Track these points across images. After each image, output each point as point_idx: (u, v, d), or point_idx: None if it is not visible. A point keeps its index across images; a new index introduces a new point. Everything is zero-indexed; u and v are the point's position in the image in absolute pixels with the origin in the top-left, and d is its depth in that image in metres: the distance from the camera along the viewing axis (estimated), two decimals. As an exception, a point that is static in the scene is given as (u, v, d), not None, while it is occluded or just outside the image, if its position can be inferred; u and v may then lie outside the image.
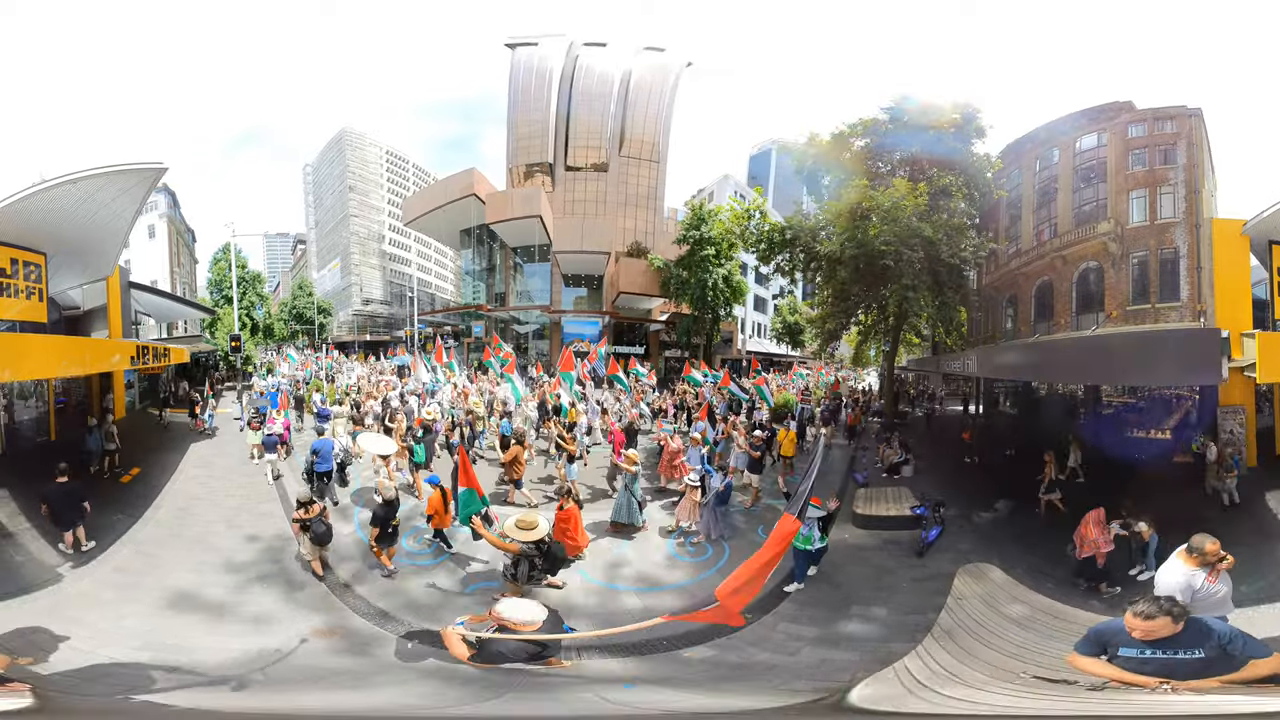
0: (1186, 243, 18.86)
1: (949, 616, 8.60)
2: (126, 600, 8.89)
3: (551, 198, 50.31)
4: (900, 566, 11.81)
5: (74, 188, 12.95)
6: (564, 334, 48.26)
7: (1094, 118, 20.83)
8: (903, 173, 21.81)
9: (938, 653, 7.31)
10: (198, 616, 8.66)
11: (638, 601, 10.04)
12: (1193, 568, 5.83)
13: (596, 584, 10.69)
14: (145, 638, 7.91)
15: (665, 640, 8.48)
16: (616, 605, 9.93)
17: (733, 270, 42.62)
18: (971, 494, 15.18)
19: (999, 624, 8.34)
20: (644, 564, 11.63)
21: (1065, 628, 8.07)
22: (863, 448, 20.14)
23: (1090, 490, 14.37)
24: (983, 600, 9.21)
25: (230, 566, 10.40)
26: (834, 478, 17.42)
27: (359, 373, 33.99)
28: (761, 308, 65.71)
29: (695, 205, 43.09)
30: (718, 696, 6.97)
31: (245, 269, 49.49)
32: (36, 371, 14.34)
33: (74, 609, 8.34)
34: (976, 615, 8.67)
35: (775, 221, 25.98)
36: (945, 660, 7.02)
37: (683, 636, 8.51)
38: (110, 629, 8.01)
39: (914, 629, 8.65)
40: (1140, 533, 9.93)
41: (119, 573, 9.78)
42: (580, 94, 52.09)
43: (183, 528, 12.14)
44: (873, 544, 12.97)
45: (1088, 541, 9.83)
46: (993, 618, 8.54)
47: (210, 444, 19.58)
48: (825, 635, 9.05)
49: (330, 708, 6.15)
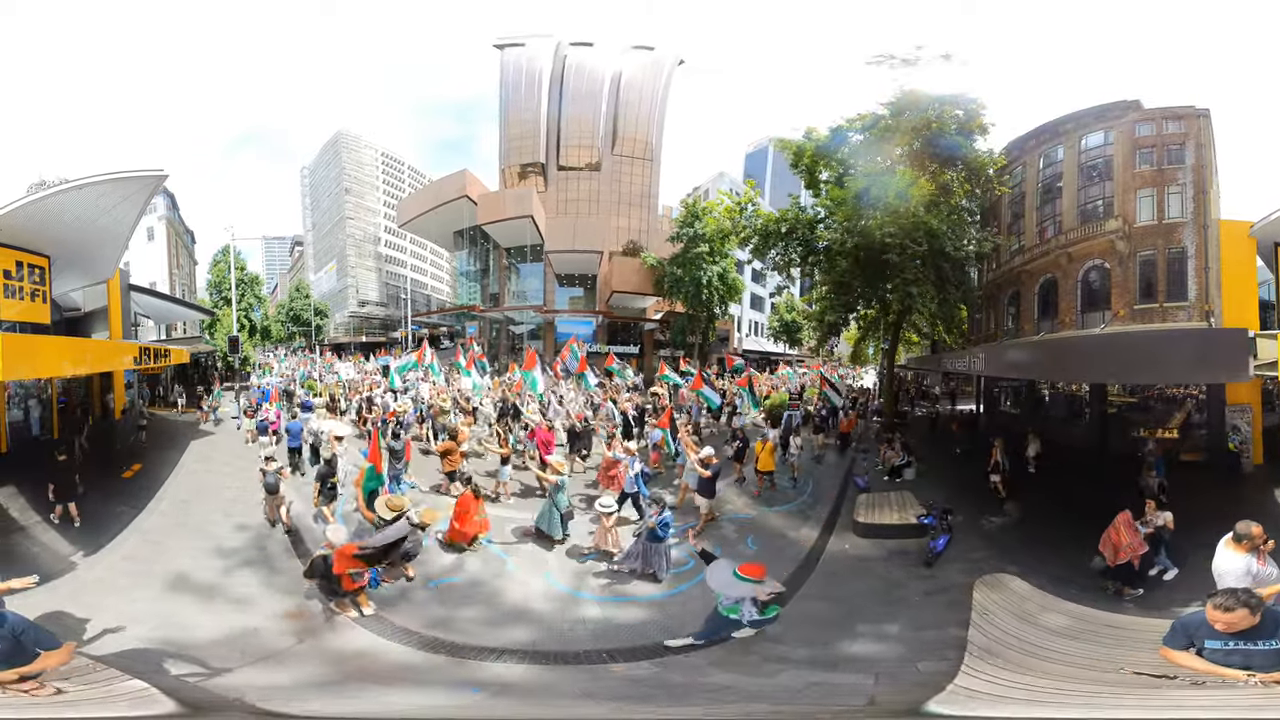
0: (1194, 243, 18.38)
1: (980, 633, 7.65)
2: (138, 585, 9.20)
3: (544, 198, 49.44)
4: (909, 578, 10.85)
5: (79, 193, 13.24)
6: (557, 334, 47.30)
7: (1100, 116, 20.23)
8: (903, 167, 20.93)
9: (990, 670, 6.45)
10: (194, 597, 9.05)
11: (441, 610, 9.28)
12: (1244, 554, 5.96)
13: (451, 581, 10.20)
14: (161, 619, 8.18)
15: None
16: (440, 600, 9.58)
17: (728, 267, 41.63)
18: (977, 496, 14.52)
19: (1041, 636, 7.54)
20: (508, 581, 10.31)
21: (1117, 634, 7.45)
22: (862, 451, 19.22)
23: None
24: (1013, 613, 8.28)
25: (221, 552, 10.81)
26: (830, 483, 16.50)
27: (348, 373, 34.99)
28: (759, 306, 64.95)
29: (689, 202, 42.18)
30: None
31: (244, 271, 48.99)
32: (51, 370, 14.83)
33: (91, 594, 8.55)
34: (1012, 629, 7.75)
35: (769, 213, 25.05)
36: (1009, 676, 6.22)
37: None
38: (132, 611, 8.22)
39: (940, 646, 7.74)
40: (1165, 525, 9.41)
41: (128, 560, 10.17)
42: (571, 93, 51.28)
43: (186, 517, 12.49)
44: (876, 554, 11.99)
45: (1123, 546, 9.14)
46: (1030, 630, 7.71)
47: (207, 441, 19.92)
48: (822, 656, 8.08)
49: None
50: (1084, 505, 12.73)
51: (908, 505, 13.66)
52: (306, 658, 7.71)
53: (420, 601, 9.42)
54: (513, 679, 7.55)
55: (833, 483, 16.49)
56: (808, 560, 11.67)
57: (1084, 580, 9.63)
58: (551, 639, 8.55)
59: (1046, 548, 11.18)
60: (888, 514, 13.30)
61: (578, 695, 7.15)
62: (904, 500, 14.07)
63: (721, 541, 12.27)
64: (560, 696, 7.14)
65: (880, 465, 17.19)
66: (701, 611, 8.76)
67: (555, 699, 7.06)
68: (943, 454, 19.25)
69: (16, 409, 17.10)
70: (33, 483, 12.36)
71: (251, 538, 11.52)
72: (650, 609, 9.63)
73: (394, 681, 7.20)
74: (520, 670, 7.75)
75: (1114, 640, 7.20)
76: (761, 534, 12.85)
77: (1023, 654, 6.94)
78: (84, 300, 21.20)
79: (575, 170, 50.98)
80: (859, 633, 8.81)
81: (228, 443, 19.59)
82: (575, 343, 43.48)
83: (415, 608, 9.20)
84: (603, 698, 7.07)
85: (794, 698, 6.96)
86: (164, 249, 47.42)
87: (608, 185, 50.55)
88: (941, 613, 9.02)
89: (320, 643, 8.10)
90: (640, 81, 51.93)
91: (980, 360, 16.10)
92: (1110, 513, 9.72)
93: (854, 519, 13.24)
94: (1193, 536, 8.78)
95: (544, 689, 7.35)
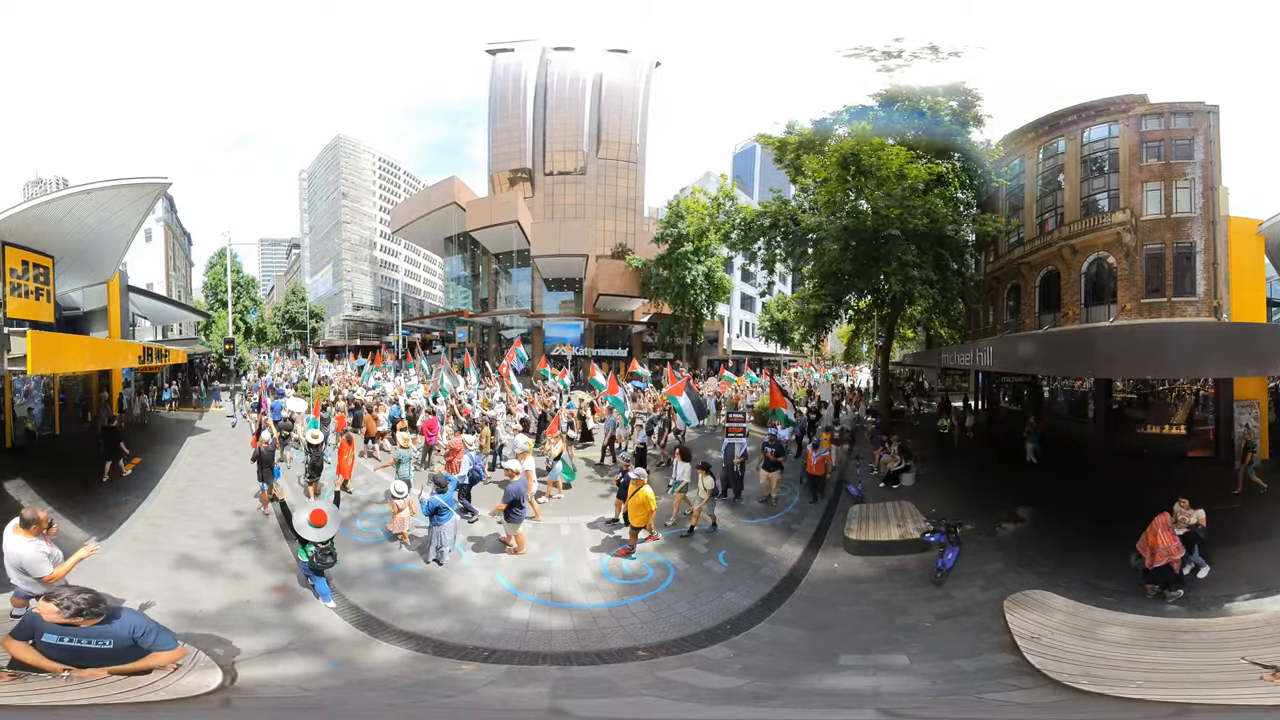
0: (1203, 238, 17.44)
1: (1036, 658, 6.31)
2: (149, 564, 9.39)
3: (532, 203, 48.10)
4: (914, 601, 9.09)
5: (87, 198, 13.58)
6: (545, 338, 45.95)
7: (1104, 110, 18.96)
8: (893, 143, 19.27)
9: (1089, 695, 5.55)
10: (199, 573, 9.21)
11: (384, 594, 8.97)
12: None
13: (409, 569, 9.81)
14: (179, 594, 8.26)
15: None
16: (392, 583, 9.32)
17: (714, 266, 40.07)
18: (983, 499, 13.22)
19: (1118, 650, 6.55)
20: (458, 574, 9.65)
21: (1195, 637, 6.93)
22: (856, 456, 17.45)
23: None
24: (1066, 632, 6.99)
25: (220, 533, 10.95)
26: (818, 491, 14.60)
27: (333, 372, 36.44)
28: (749, 306, 63.41)
29: (673, 203, 40.77)
30: None
31: (240, 273, 47.58)
32: (75, 365, 15.45)
33: (111, 574, 8.41)
34: (1076, 649, 6.54)
35: (749, 207, 23.39)
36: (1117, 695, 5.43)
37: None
38: (149, 590, 8.15)
39: (979, 676, 6.49)
40: (1199, 523, 8.88)
41: (137, 541, 10.38)
42: (555, 99, 49.97)
43: (184, 504, 12.62)
44: (871, 574, 10.09)
45: (1159, 550, 8.42)
46: (1100, 647, 6.62)
47: (203, 438, 19.71)
48: (777, 691, 6.52)
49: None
50: (1089, 503, 12.44)
51: (907, 518, 11.82)
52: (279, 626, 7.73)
53: (377, 583, 9.22)
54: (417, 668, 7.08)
55: (823, 487, 14.41)
56: (786, 582, 9.76)
57: (1114, 586, 8.71)
58: (464, 633, 7.85)
59: (1066, 552, 10.10)
60: (884, 529, 11.40)
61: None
62: (903, 512, 12.19)
63: (690, 556, 10.55)
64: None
65: (876, 470, 15.49)
66: (638, 627, 8.07)
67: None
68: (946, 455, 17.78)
69: (18, 406, 17.30)
70: (39, 475, 13.11)
71: (246, 521, 11.59)
72: (581, 618, 8.42)
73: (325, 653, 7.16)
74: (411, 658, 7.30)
75: (1198, 643, 6.70)
76: (736, 550, 10.89)
77: (1112, 670, 5.99)
78: (83, 300, 21.44)
79: (561, 175, 49.59)
80: (843, 665, 7.09)
81: (225, 439, 19.35)
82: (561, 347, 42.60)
83: (371, 588, 9.04)
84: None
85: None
86: (161, 251, 46.02)
87: (594, 189, 49.16)
88: (970, 638, 7.58)
89: (290, 614, 8.09)
90: (620, 85, 50.64)
91: (988, 355, 14.48)
92: (1117, 509, 9.46)
93: (845, 534, 11.31)
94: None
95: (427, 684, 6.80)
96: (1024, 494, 13.76)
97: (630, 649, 7.53)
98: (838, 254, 17.14)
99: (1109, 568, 9.07)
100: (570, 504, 13.29)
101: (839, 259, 17.37)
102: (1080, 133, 19.41)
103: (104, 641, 4.54)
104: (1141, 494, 10.53)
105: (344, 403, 20.08)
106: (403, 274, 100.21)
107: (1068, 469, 15.66)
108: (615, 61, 51.71)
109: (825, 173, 18.47)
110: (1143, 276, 17.72)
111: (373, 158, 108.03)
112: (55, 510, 10.80)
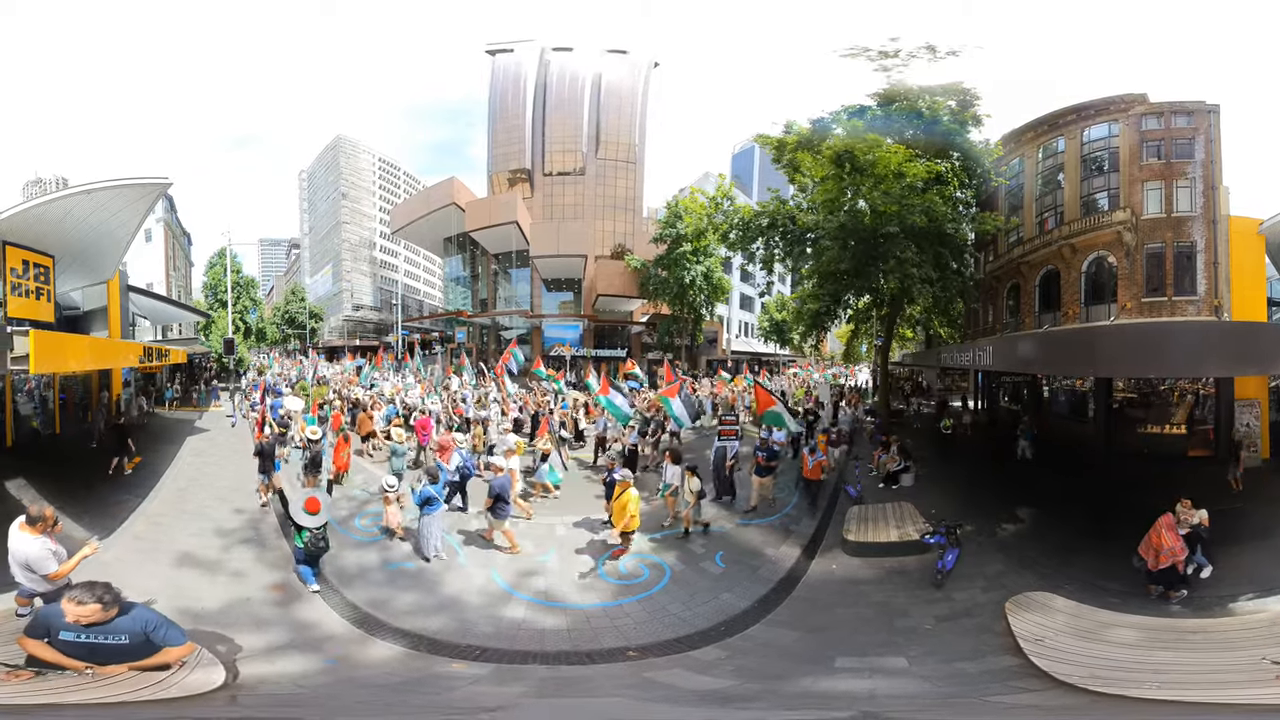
0: (1204, 237, 17.36)
1: (1043, 660, 6.18)
2: (150, 562, 9.32)
3: (531, 204, 47.97)
4: (913, 603, 8.94)
5: (87, 198, 13.55)
6: (544, 338, 45.85)
7: (1104, 109, 18.87)
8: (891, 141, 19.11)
9: (1100, 695, 5.43)
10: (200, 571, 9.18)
11: (382, 592, 8.97)
12: None
13: (405, 567, 9.77)
14: (180, 592, 8.20)
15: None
16: (390, 582, 9.30)
17: (713, 266, 39.92)
18: (983, 500, 13.03)
19: (1127, 652, 6.38)
20: (454, 573, 9.64)
21: (1204, 637, 6.83)
22: (855, 456, 17.26)
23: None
24: (1071, 634, 6.84)
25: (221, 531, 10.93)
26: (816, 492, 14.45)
27: (331, 371, 36.31)
28: (749, 306, 63.23)
29: (671, 203, 40.66)
30: None
31: (240, 274, 47.46)
32: (77, 364, 15.38)
33: (113, 573, 7.67)
34: (1082, 650, 6.37)
35: (747, 207, 23.20)
36: (1131, 695, 5.33)
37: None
38: (152, 588, 7.97)
39: (982, 679, 6.35)
40: (1201, 523, 8.76)
41: (138, 539, 10.36)
42: (554, 99, 49.87)
43: (184, 503, 12.63)
44: (870, 576, 9.95)
45: (1164, 550, 8.34)
46: (1107, 649, 6.47)
47: (203, 437, 19.74)
48: (773, 691, 6.38)
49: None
50: (1089, 503, 12.29)
51: (907, 519, 11.68)
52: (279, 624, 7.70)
53: (375, 581, 9.20)
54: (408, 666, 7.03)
55: (820, 491, 14.35)
56: (783, 584, 9.63)
57: (1117, 587, 8.59)
58: (459, 631, 7.84)
59: (1067, 553, 9.97)
60: (884, 530, 11.26)
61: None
62: (902, 513, 12.02)
63: (687, 557, 10.46)
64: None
65: (875, 471, 15.32)
66: (631, 627, 7.99)
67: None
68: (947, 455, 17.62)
69: (21, 405, 17.23)
70: (39, 475, 13.01)
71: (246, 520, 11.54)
72: (574, 617, 8.34)
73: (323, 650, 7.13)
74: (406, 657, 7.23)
75: (1206, 644, 6.62)
76: (733, 551, 10.76)
77: (1121, 672, 5.84)
78: (83, 300, 21.32)
79: (561, 175, 49.49)
80: (839, 668, 6.94)
81: (225, 439, 19.37)
82: (561, 348, 42.48)
83: (369, 585, 8.98)
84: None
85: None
86: (161, 251, 45.88)
87: (593, 189, 49.04)
88: (972, 640, 7.46)
89: (289, 611, 8.06)
90: (619, 85, 50.55)
91: (988, 354, 14.32)
92: (1117, 509, 9.34)
93: (843, 535, 11.14)
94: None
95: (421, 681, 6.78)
96: (1024, 494, 13.58)
97: (621, 649, 7.47)
98: (836, 253, 16.99)
99: (1111, 568, 8.95)
100: (565, 504, 13.18)
101: (837, 258, 17.22)
102: (1080, 132, 19.30)
103: (120, 637, 4.55)
104: (1142, 494, 10.45)
105: (341, 402, 20.21)
106: (402, 274, 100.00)
107: (1067, 468, 15.52)
108: (614, 62, 51.65)
109: (821, 171, 18.31)
110: (1143, 275, 17.62)
111: (372, 158, 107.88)
112: (56, 509, 10.67)
